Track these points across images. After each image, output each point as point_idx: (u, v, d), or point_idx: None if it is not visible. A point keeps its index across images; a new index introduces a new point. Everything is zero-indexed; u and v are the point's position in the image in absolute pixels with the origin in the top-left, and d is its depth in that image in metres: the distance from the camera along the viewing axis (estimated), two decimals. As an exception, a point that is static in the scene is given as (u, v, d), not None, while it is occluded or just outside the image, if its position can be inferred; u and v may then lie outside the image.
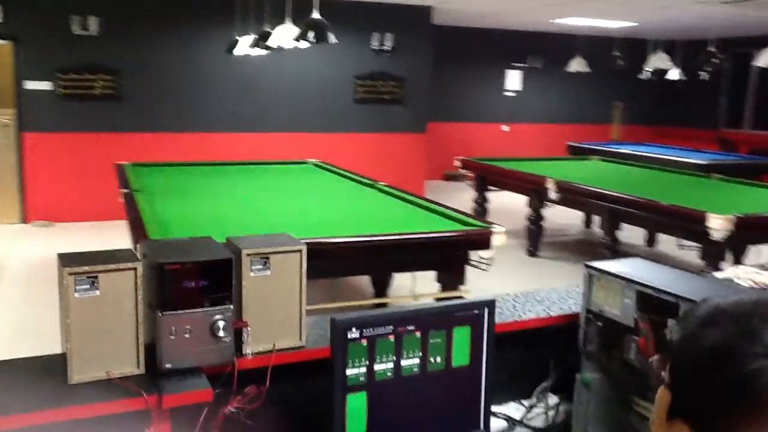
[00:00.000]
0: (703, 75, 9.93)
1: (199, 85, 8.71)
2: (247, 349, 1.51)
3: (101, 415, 1.34)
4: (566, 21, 10.53)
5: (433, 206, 4.82)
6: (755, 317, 0.81)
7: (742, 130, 12.72)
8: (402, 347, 1.50)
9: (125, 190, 4.78)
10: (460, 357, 1.58)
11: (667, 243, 7.76)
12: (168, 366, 1.41)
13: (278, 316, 1.57)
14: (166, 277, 1.39)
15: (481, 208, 7.89)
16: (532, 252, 7.16)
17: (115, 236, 4.80)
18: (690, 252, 5.34)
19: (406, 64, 9.52)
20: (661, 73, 10.24)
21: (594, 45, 11.74)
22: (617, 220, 5.92)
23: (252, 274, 1.52)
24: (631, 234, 6.89)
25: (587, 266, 1.76)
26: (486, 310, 1.59)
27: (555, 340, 1.88)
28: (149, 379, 1.41)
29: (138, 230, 3.54)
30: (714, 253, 5.01)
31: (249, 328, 1.49)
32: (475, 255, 4.27)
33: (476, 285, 4.18)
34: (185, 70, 8.64)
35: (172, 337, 1.41)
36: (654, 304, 1.59)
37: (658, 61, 8.49)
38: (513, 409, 1.87)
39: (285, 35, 4.47)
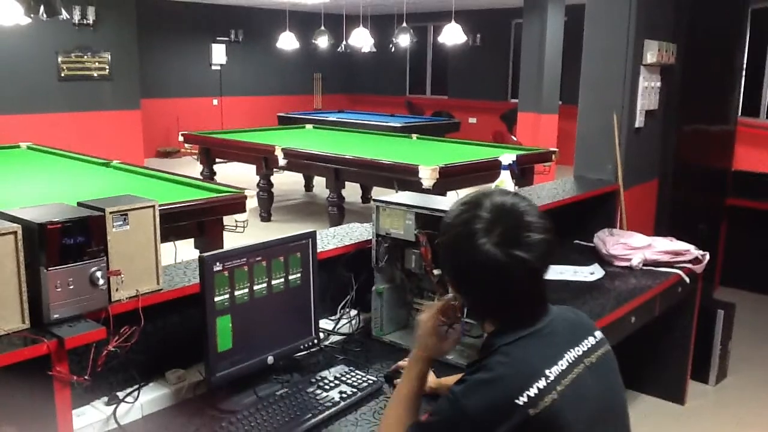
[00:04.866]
0: (392, 47, 11.18)
1: None
2: (121, 295, 1.72)
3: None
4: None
5: (178, 178, 4.99)
6: (475, 207, 1.34)
7: (424, 95, 14.51)
8: (253, 274, 1.84)
9: None
10: (295, 279, 1.97)
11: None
12: (56, 316, 1.58)
13: (139, 265, 1.79)
14: (48, 237, 1.55)
15: (211, 180, 8.07)
16: (265, 217, 7.61)
17: None
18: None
19: (111, 38, 9.20)
20: (356, 45, 11.24)
21: (297, 19, 12.40)
22: (342, 179, 6.61)
23: (114, 229, 1.73)
24: (348, 193, 7.68)
25: (375, 200, 2.25)
26: (310, 240, 2.00)
27: (353, 263, 2.36)
28: (39, 331, 1.56)
29: None
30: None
31: (122, 276, 1.70)
32: (230, 220, 4.59)
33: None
34: None
35: (58, 290, 1.57)
36: (429, 222, 2.14)
37: (358, 35, 9.38)
38: (325, 323, 2.31)
39: (3, 9, 4.21)
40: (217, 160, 8.13)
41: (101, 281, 1.64)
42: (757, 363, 4.06)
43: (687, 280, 3.15)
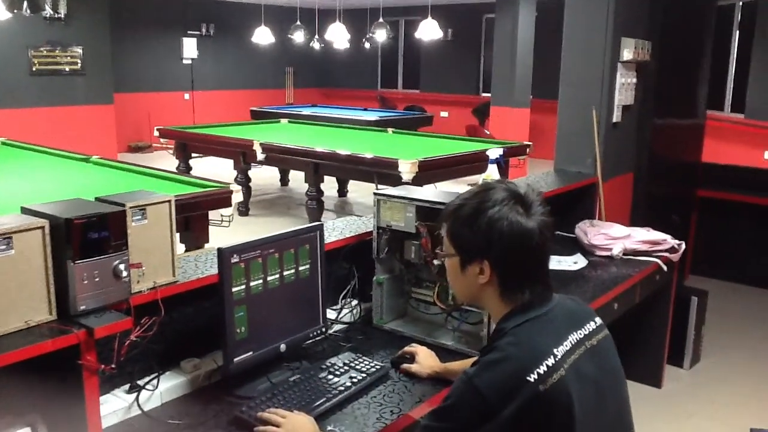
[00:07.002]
0: (367, 42, 11.26)
1: None
2: (141, 287, 1.78)
3: (30, 357, 1.53)
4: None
5: (161, 174, 5.01)
6: (487, 190, 1.46)
7: (396, 89, 14.61)
8: (267, 266, 1.92)
9: None
10: (304, 269, 2.05)
11: (353, 193, 8.85)
12: (82, 308, 1.64)
13: (156, 258, 1.85)
14: (74, 231, 1.60)
15: (189, 175, 8.05)
16: (243, 212, 7.63)
17: None
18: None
19: (83, 32, 9.11)
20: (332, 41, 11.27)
21: (269, 13, 12.36)
22: (321, 173, 6.67)
23: (134, 223, 1.78)
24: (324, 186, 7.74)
25: (376, 194, 2.33)
26: (318, 232, 2.08)
27: (353, 255, 2.44)
28: (67, 322, 1.62)
29: None
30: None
31: (143, 268, 1.76)
32: (215, 214, 4.63)
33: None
34: None
35: (84, 282, 1.63)
36: (428, 214, 2.23)
37: (334, 30, 9.42)
38: (328, 313, 2.38)
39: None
40: (193, 154, 8.12)
41: (124, 273, 1.70)
42: (727, 347, 4.24)
43: (665, 268, 3.30)
